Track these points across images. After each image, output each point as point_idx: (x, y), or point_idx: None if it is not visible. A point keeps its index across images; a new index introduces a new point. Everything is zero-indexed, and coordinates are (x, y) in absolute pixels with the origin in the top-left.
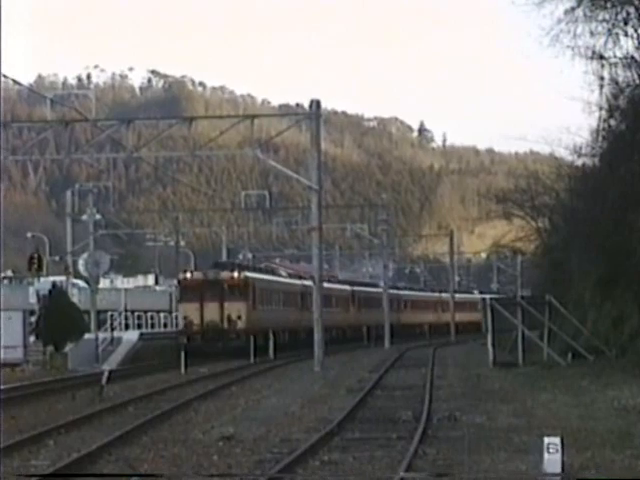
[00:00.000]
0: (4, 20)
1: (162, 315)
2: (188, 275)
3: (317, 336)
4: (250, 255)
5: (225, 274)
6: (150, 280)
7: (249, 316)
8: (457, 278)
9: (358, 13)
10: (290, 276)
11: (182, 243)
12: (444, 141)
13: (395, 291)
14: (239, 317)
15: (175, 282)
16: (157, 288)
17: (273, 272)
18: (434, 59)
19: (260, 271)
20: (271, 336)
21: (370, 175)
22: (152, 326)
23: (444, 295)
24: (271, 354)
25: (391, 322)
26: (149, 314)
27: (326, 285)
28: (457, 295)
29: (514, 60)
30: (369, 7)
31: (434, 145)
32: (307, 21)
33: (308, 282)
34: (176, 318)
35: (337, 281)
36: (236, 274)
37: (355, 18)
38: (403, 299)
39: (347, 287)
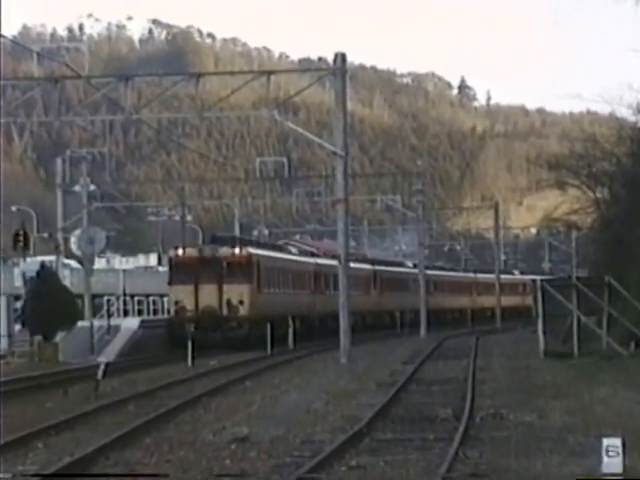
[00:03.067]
0: None
1: (166, 300)
2: (180, 252)
3: (344, 323)
4: (266, 231)
5: (225, 251)
6: (152, 260)
7: (253, 301)
8: (503, 257)
9: None
10: (301, 253)
11: (189, 218)
12: (488, 100)
13: (432, 271)
14: (241, 302)
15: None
16: (160, 269)
17: (281, 249)
18: (477, 5)
19: (266, 247)
20: (290, 323)
21: (403, 139)
22: (155, 312)
23: (488, 276)
24: (290, 344)
25: (427, 307)
26: (151, 298)
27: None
28: (503, 276)
29: (568, 7)
30: None
31: (477, 104)
32: None
33: (323, 260)
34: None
35: (355, 259)
36: (238, 251)
37: None
38: (441, 280)
39: (367, 266)
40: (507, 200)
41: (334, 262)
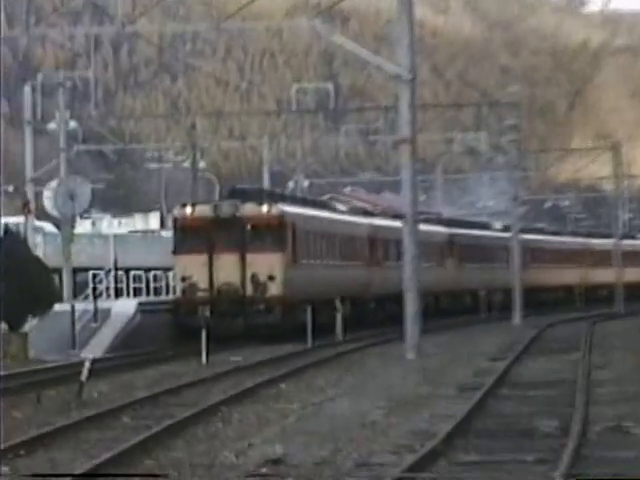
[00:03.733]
0: None
1: (171, 275)
2: (189, 211)
3: (411, 306)
4: (305, 182)
5: (249, 209)
6: (153, 222)
7: (287, 276)
8: (626, 215)
9: None
10: (353, 212)
11: (201, 164)
12: (605, 4)
13: (529, 236)
14: (271, 277)
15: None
16: (164, 234)
17: (325, 206)
18: None
19: (305, 204)
20: (339, 306)
21: (491, 57)
22: (157, 292)
23: (606, 242)
24: (339, 333)
25: (523, 284)
26: (152, 274)
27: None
28: (626, 242)
29: None
30: None
31: (589, 11)
32: None
33: (382, 221)
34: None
35: (425, 219)
36: (266, 208)
37: None
38: (541, 248)
39: (442, 229)
40: (631, 139)
41: (396, 223)
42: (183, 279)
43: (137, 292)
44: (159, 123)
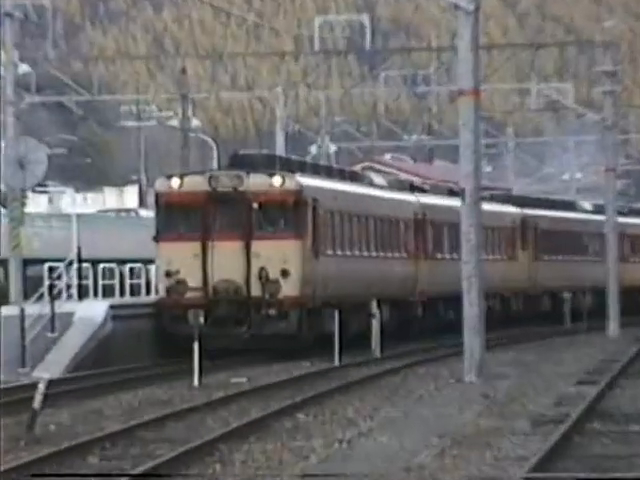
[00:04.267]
0: None
1: (153, 269)
2: (176, 183)
3: (470, 311)
4: (332, 147)
5: (256, 181)
6: (130, 198)
7: (307, 271)
8: None
9: None
10: (394, 186)
11: (194, 122)
12: None
13: (630, 219)
14: (284, 273)
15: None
16: (143, 214)
17: (357, 178)
18: None
19: (331, 176)
20: (376, 311)
21: None
22: (134, 291)
23: None
24: (375, 347)
25: (621, 283)
26: (127, 267)
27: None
28: None
29: None
30: None
31: None
32: None
33: (432, 198)
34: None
35: (490, 197)
36: (279, 180)
37: None
38: None
39: (512, 210)
40: None
41: (452, 202)
42: (168, 274)
43: (108, 291)
44: (138, 67)
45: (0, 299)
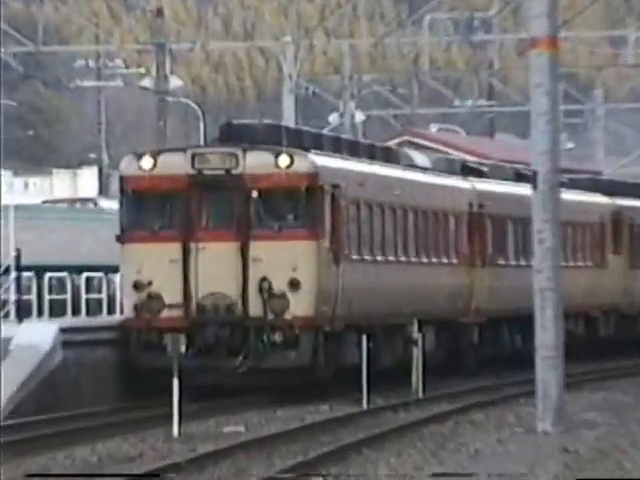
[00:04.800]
0: None
1: (118, 279)
2: (147, 164)
3: (545, 338)
4: (359, 115)
5: (256, 160)
6: (87, 184)
7: (324, 281)
8: None
9: None
10: (440, 168)
11: (175, 83)
12: None
13: None
14: (294, 284)
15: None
16: (104, 205)
17: (392, 157)
18: None
19: (357, 154)
20: (417, 335)
21: None
22: (91, 309)
23: None
24: (417, 386)
25: None
26: (84, 276)
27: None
28: None
29: None
30: None
31: None
32: None
33: (492, 184)
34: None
35: (570, 182)
36: (287, 160)
37: None
38: None
39: (600, 199)
40: None
41: (521, 190)
42: (138, 286)
43: (57, 310)
44: (98, 7)
45: None
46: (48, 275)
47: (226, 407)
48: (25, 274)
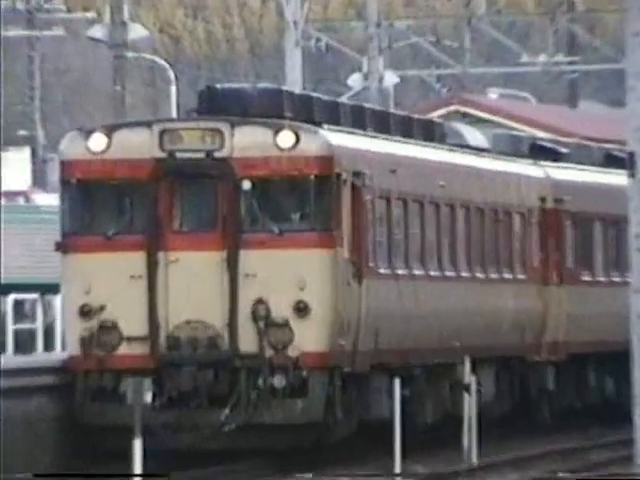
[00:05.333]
0: None
1: (59, 303)
2: (97, 143)
3: None
4: (391, 77)
5: (247, 138)
6: (14, 171)
7: (341, 303)
8: None
9: None
10: (499, 149)
11: (137, 33)
12: None
13: None
14: (301, 308)
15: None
16: (40, 201)
17: (435, 135)
18: None
19: (384, 128)
20: (470, 378)
21: None
22: (20, 345)
23: None
24: (471, 450)
25: None
26: (10, 298)
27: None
28: None
29: None
30: None
31: None
32: None
33: (573, 171)
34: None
35: None
36: (289, 138)
37: None
38: None
39: None
40: None
41: (612, 177)
42: (85, 312)
43: None
44: None
45: None
46: None
47: (208, 478)
48: None
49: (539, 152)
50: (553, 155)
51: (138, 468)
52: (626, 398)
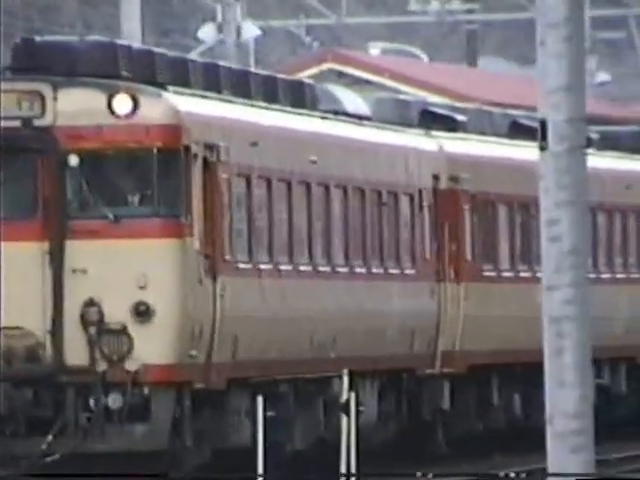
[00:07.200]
0: None
1: None
2: None
3: (559, 396)
4: (252, 29)
5: (74, 103)
6: None
7: (191, 305)
8: None
9: None
10: (382, 117)
11: None
12: None
13: None
14: (142, 311)
15: None
16: None
17: (301, 99)
18: None
19: (244, 91)
20: (348, 396)
21: None
22: None
23: None
24: None
25: None
26: None
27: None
28: None
29: None
30: None
31: None
32: None
33: (470, 142)
34: None
35: (604, 140)
36: (125, 103)
37: None
38: None
39: None
40: None
41: (519, 151)
42: None
43: None
44: None
45: None
46: None
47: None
48: None
49: (431, 120)
50: (448, 124)
51: None
52: (537, 419)
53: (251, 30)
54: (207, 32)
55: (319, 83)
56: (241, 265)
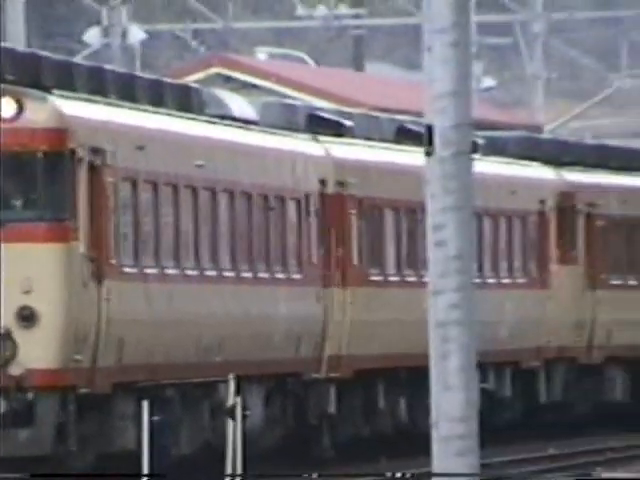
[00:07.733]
0: None
1: None
2: None
3: (443, 399)
4: (138, 33)
5: None
6: None
7: (78, 309)
8: None
9: None
10: (269, 122)
11: None
12: None
13: None
14: (27, 315)
15: None
16: None
17: (187, 103)
18: None
19: (131, 95)
20: (235, 401)
21: None
22: None
23: None
24: None
25: None
26: None
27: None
28: None
29: None
30: None
31: None
32: None
33: (355, 147)
34: None
35: (490, 145)
36: (9, 107)
37: None
38: None
39: (541, 174)
40: None
41: (406, 156)
42: None
43: None
44: None
45: None
46: None
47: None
48: None
49: (318, 125)
50: (335, 129)
51: None
52: (423, 423)
53: (137, 34)
54: (93, 35)
55: (206, 87)
56: (127, 269)
